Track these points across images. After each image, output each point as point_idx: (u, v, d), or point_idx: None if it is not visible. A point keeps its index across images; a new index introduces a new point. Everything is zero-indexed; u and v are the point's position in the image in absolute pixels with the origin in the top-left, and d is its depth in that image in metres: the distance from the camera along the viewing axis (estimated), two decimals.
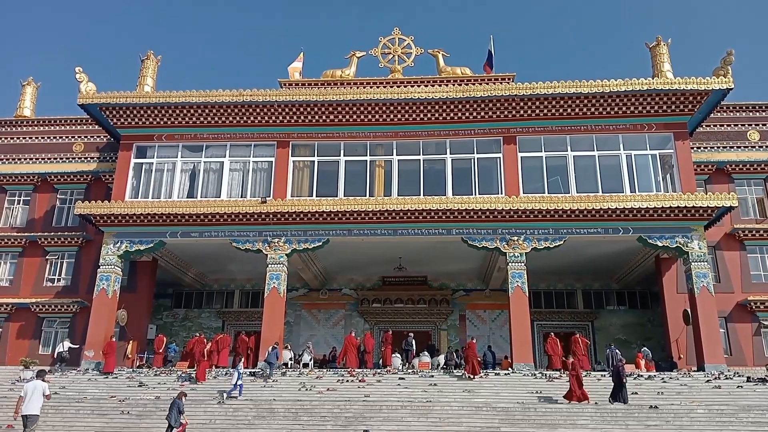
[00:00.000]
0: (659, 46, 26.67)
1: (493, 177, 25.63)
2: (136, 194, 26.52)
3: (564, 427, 16.97)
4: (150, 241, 25.49)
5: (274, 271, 24.92)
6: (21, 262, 29.62)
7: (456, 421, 17.40)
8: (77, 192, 30.57)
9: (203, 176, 26.61)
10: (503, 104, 25.51)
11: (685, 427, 16.91)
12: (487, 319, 30.79)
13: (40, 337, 28.36)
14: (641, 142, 25.50)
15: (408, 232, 24.97)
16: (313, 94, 25.83)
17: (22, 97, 32.86)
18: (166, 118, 26.68)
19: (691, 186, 24.42)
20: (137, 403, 19.05)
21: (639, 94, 24.93)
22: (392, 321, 30.49)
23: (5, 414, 18.56)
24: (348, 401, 18.96)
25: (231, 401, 19.31)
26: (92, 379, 22.17)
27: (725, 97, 25.11)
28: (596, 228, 24.41)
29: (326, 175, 26.21)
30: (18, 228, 30.30)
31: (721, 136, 29.52)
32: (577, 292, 30.96)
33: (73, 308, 28.20)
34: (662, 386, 20.39)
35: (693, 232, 24.07)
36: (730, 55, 24.49)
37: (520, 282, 24.15)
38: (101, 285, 25.12)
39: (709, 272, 23.92)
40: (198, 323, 31.34)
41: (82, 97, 26.12)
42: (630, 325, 29.99)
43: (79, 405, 19.14)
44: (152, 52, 28.43)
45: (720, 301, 25.12)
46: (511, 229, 24.59)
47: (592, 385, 20.74)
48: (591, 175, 25.16)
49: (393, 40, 30.13)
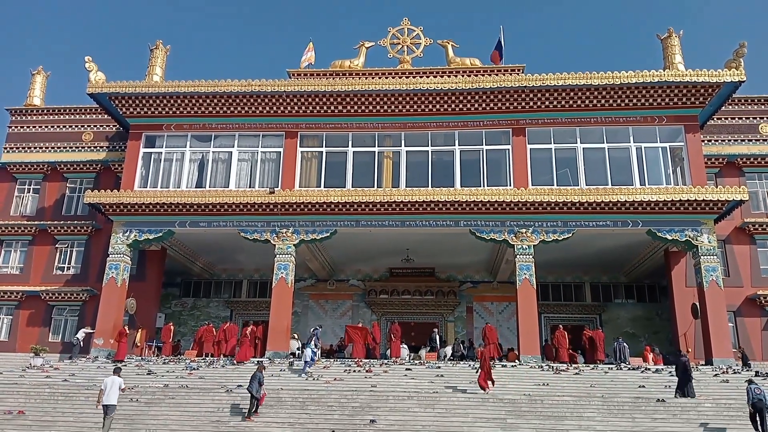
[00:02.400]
0: (671, 38, 26.43)
1: (501, 169, 25.55)
2: (145, 183, 26.62)
3: (571, 419, 16.96)
4: (159, 231, 25.61)
5: (282, 261, 24.99)
6: (31, 250, 29.85)
7: (463, 412, 17.41)
8: (87, 181, 30.74)
9: (212, 166, 26.67)
10: (513, 95, 25.38)
11: (692, 420, 16.85)
12: (494, 311, 30.79)
13: (50, 325, 28.62)
14: (651, 134, 25.33)
15: (416, 224, 24.94)
16: (322, 85, 25.80)
17: (32, 86, 32.96)
18: (175, 108, 26.72)
19: (701, 179, 24.25)
20: (146, 390, 19.18)
21: (650, 86, 24.73)
22: (399, 312, 30.57)
23: (15, 399, 18.80)
24: (355, 391, 19.00)
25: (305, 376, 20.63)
26: (102, 367, 22.33)
27: (737, 89, 24.89)
28: (605, 221, 24.30)
29: (334, 166, 26.20)
30: (28, 216, 30.51)
31: (732, 129, 29.28)
32: (585, 284, 30.89)
33: (83, 296, 28.41)
34: (670, 380, 20.32)
35: (703, 225, 23.92)
36: (743, 48, 24.27)
37: (528, 274, 24.12)
38: (110, 273, 25.28)
39: (718, 266, 23.79)
40: (206, 312, 31.51)
41: (91, 87, 26.20)
42: (638, 319, 29.91)
43: (88, 392, 19.25)
44: (161, 42, 28.44)
45: (729, 295, 25.02)
46: (520, 221, 24.52)
47: (598, 377, 20.76)
48: (600, 168, 25.04)
49: (402, 30, 30.01)
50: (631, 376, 21.07)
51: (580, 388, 19.59)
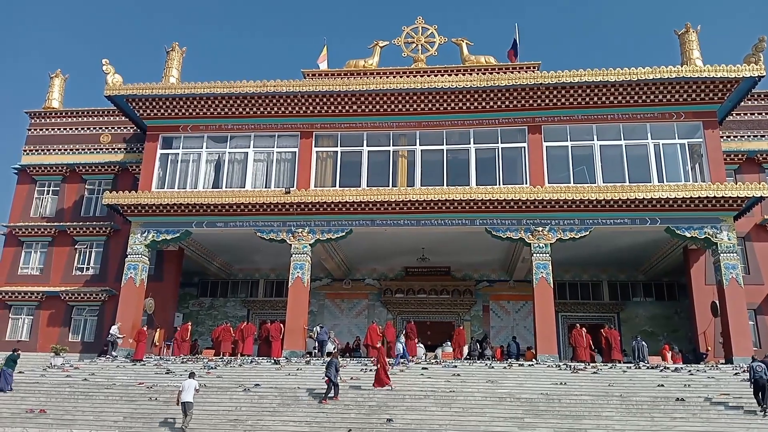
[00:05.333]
0: (688, 33, 26.11)
1: (517, 167, 25.41)
2: (163, 184, 26.84)
3: (589, 418, 16.83)
4: (176, 231, 25.81)
5: (298, 260, 25.07)
6: (51, 251, 30.24)
7: (479, 411, 17.36)
8: (105, 182, 31.07)
9: (228, 167, 26.84)
10: (528, 93, 25.23)
11: (711, 419, 16.67)
12: (510, 310, 30.65)
13: (69, 325, 28.97)
14: (669, 131, 25.05)
15: (431, 223, 24.89)
16: (336, 85, 25.84)
17: (51, 89, 33.39)
18: (191, 110, 26.91)
19: (720, 176, 23.95)
20: (164, 389, 19.34)
21: (667, 82, 24.46)
22: (415, 311, 30.55)
23: (36, 398, 19.06)
24: (371, 390, 19.02)
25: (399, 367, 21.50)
26: (121, 366, 22.56)
27: (756, 85, 24.54)
28: (623, 218, 24.08)
29: (349, 166, 26.23)
30: (48, 218, 30.91)
31: (751, 125, 28.87)
32: (602, 283, 30.63)
33: (102, 296, 28.72)
34: (689, 378, 20.11)
35: (722, 222, 23.62)
36: (762, 42, 23.90)
37: (544, 273, 23.97)
38: (129, 274, 25.53)
39: (738, 264, 23.48)
40: (223, 312, 31.73)
41: (109, 89, 26.48)
42: (657, 317, 29.61)
43: (108, 391, 19.49)
44: (177, 44, 28.66)
45: (749, 293, 24.64)
46: (536, 220, 24.38)
47: (616, 376, 20.58)
48: (618, 165, 24.80)
49: (416, 29, 29.98)
50: (649, 375, 20.85)
51: (599, 387, 19.41)
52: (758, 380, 17.02)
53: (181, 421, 16.90)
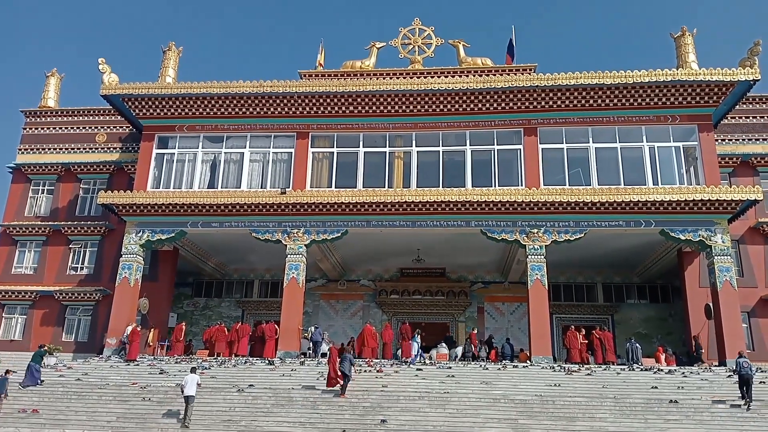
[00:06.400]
0: (684, 37, 26.19)
1: (513, 168, 25.46)
2: (158, 184, 26.79)
3: (582, 420, 16.88)
4: (171, 231, 25.77)
5: (293, 261, 25.06)
6: (45, 250, 30.13)
7: (474, 413, 17.38)
8: (100, 182, 30.98)
9: (224, 167, 26.81)
10: (524, 95, 25.29)
11: (705, 422, 16.73)
12: (505, 311, 30.69)
13: (63, 325, 28.86)
14: (665, 134, 25.14)
15: (426, 224, 24.92)
16: (333, 85, 25.85)
17: (46, 88, 33.27)
18: (187, 109, 26.87)
19: (715, 179, 24.04)
20: (158, 390, 19.30)
21: (663, 85, 24.56)
22: (410, 312, 30.51)
23: (29, 398, 18.98)
24: (366, 391, 19.02)
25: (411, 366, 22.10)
26: (114, 366, 22.50)
27: (751, 88, 24.66)
28: (618, 221, 24.15)
29: (345, 167, 26.24)
30: (42, 217, 30.80)
31: (746, 128, 28.99)
32: (597, 285, 30.69)
33: (96, 296, 28.62)
34: (683, 381, 20.17)
35: (716, 225, 23.71)
36: (758, 46, 24.04)
37: (539, 275, 24.02)
38: (123, 273, 25.48)
39: (732, 266, 23.56)
40: (218, 312, 31.65)
41: (105, 88, 26.43)
42: (651, 319, 29.68)
43: (101, 391, 19.43)
44: (173, 44, 28.62)
45: (743, 295, 24.80)
46: (531, 222, 24.43)
47: (610, 378, 20.62)
48: (613, 167, 24.89)
49: (413, 30, 29.98)
50: (643, 376, 20.91)
51: (592, 388, 19.46)
52: (743, 375, 17.75)
53: (183, 416, 17.06)
